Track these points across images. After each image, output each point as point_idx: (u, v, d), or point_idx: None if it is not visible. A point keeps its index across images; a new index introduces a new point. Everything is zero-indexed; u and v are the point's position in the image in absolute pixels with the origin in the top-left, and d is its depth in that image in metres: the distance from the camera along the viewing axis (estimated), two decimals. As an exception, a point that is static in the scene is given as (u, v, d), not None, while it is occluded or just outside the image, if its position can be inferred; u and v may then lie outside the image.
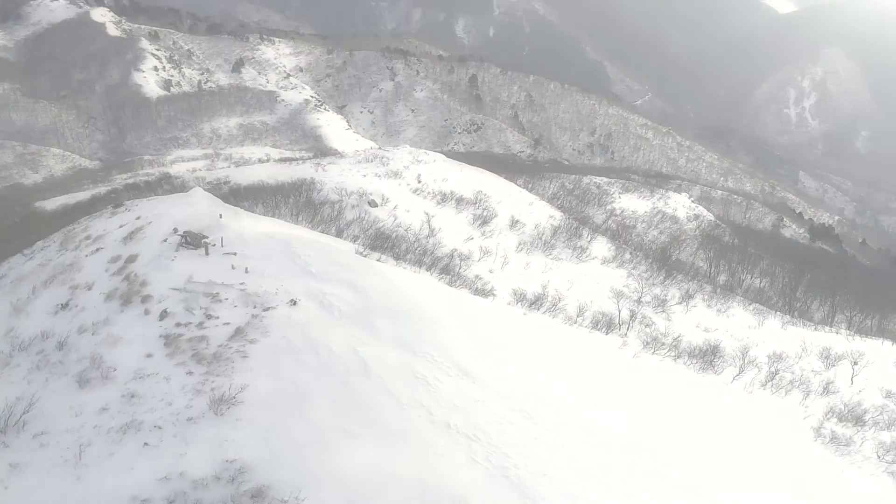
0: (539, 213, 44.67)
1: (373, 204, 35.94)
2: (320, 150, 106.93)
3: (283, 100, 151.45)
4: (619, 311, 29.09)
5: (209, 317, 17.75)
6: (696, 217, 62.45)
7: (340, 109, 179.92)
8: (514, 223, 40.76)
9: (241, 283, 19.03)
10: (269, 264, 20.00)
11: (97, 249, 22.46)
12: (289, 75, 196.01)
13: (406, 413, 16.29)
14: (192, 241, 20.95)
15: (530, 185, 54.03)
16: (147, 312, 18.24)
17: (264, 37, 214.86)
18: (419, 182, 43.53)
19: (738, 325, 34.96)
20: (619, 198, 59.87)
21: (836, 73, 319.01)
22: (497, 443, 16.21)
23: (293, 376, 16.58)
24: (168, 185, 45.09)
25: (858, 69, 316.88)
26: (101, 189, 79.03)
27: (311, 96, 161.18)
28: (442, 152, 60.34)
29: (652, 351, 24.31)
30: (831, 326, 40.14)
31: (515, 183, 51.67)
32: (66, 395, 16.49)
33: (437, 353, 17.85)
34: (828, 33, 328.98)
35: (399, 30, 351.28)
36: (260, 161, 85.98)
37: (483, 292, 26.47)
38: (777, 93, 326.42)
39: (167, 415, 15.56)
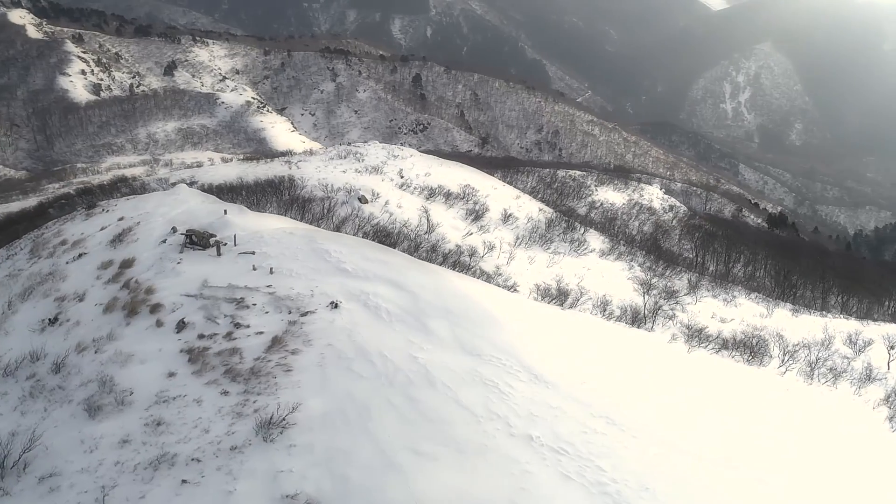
0: (528, 206, 43.17)
1: (363, 200, 33.60)
2: (266, 154, 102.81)
3: (223, 102, 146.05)
4: (646, 304, 27.65)
5: (238, 325, 15.29)
6: (672, 208, 62.14)
7: (281, 112, 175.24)
8: (506, 217, 39.07)
9: (267, 286, 16.58)
10: (295, 263, 17.58)
11: (80, 255, 19.62)
12: (224, 78, 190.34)
13: (482, 426, 14.21)
14: (199, 240, 18.35)
15: (508, 179, 52.47)
16: (159, 324, 15.65)
17: (197, 38, 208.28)
18: (402, 177, 41.35)
19: (749, 314, 34.14)
20: (596, 190, 58.94)
21: (769, 67, 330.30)
22: (586, 455, 14.27)
23: (348, 390, 14.30)
24: (126, 188, 41.55)
25: (790, 63, 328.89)
26: (34, 199, 73.97)
27: (253, 98, 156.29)
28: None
29: (698, 344, 22.86)
30: (825, 311, 39.86)
31: (494, 177, 49.98)
32: (73, 426, 13.80)
33: (504, 357, 15.84)
34: (759, 29, 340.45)
35: (334, 31, 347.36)
36: (224, 164, 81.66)
37: (506, 288, 24.57)
38: (713, 88, 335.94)
39: (205, 444, 13.07)
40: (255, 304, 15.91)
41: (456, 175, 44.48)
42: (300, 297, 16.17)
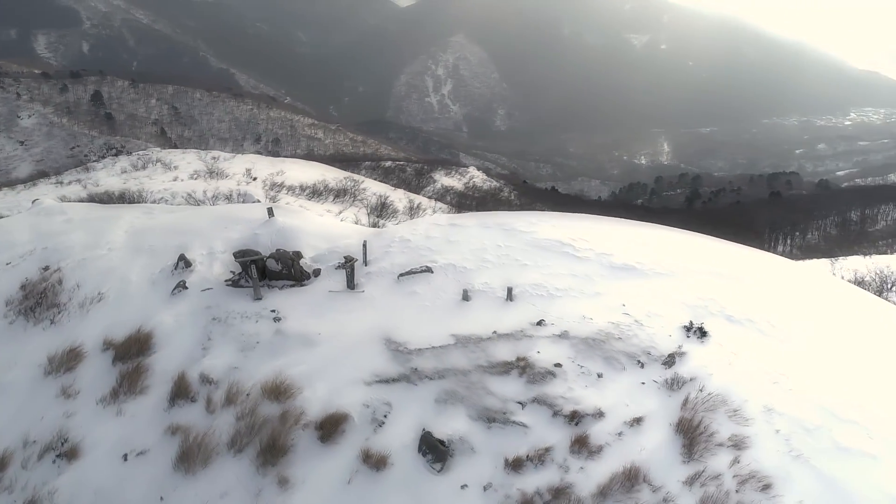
0: (414, 197, 36.92)
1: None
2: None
3: None
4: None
5: (576, 419, 7.00)
6: (502, 188, 60.03)
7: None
8: (412, 209, 32.17)
9: (536, 324, 8.31)
10: (527, 273, 9.34)
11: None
12: None
13: None
14: (285, 268, 9.12)
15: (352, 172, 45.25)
16: (377, 462, 6.68)
17: None
18: (253, 178, 32.20)
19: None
20: (436, 177, 54.04)
21: (465, 58, 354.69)
22: None
23: None
24: None
25: (485, 53, 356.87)
26: None
27: None
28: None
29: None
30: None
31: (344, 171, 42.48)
32: None
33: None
34: (451, 21, 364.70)
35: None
36: None
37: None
38: (416, 83, 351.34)
39: None
40: (559, 366, 7.62)
41: (314, 172, 36.35)
42: (614, 330, 8.22)
